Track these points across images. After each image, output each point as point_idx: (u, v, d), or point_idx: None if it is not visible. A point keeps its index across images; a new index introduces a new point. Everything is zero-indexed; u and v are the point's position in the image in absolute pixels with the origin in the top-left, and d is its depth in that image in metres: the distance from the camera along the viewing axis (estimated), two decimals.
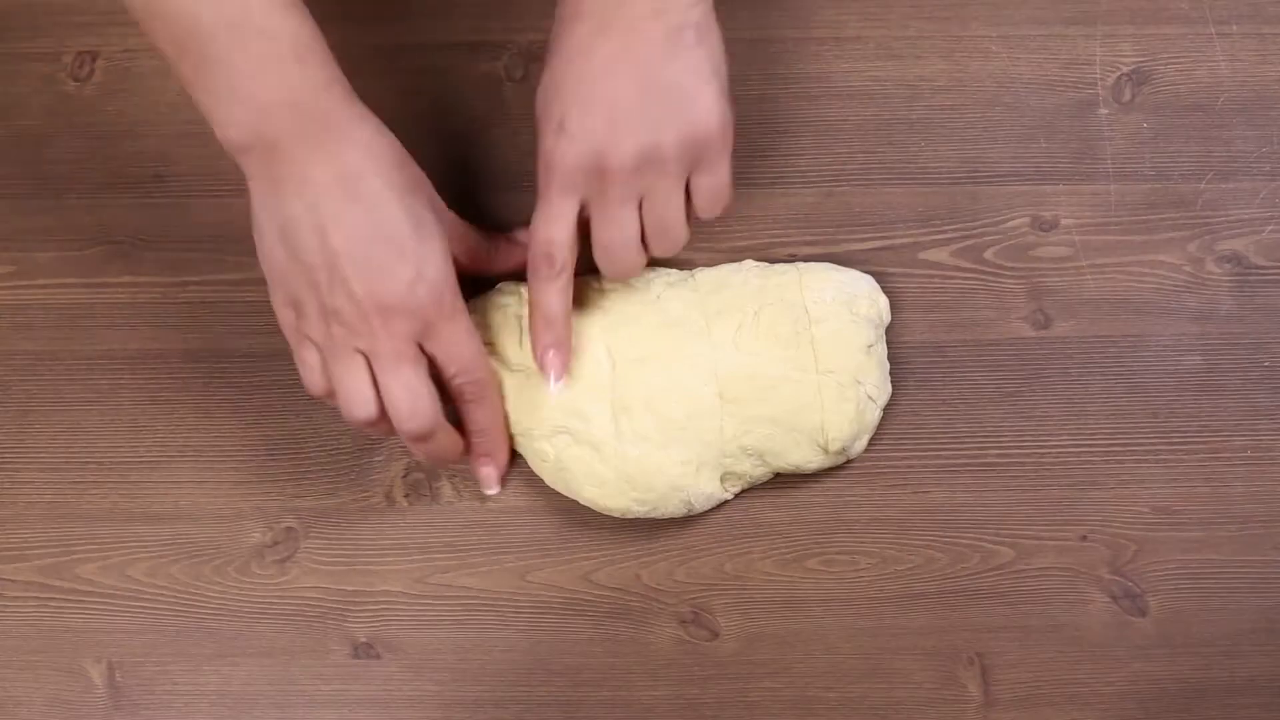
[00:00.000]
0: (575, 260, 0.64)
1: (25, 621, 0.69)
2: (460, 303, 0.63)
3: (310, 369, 0.63)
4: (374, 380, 0.62)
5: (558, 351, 0.65)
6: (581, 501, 0.67)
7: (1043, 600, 0.69)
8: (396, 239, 0.61)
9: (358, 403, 0.62)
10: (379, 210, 0.60)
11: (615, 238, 0.63)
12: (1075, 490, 0.69)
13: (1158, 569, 0.69)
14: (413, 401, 0.62)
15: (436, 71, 0.74)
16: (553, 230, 0.63)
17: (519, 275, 0.68)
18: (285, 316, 0.63)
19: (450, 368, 0.64)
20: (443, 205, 0.65)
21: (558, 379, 0.66)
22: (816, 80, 0.73)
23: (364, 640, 0.69)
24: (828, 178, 0.73)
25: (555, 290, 0.64)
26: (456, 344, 0.63)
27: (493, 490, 0.68)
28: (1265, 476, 0.70)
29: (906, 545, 0.69)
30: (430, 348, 0.63)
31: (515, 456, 0.69)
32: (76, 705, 0.69)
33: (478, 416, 0.66)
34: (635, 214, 0.63)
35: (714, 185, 0.63)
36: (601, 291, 0.68)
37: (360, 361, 0.62)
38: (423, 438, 0.63)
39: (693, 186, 0.63)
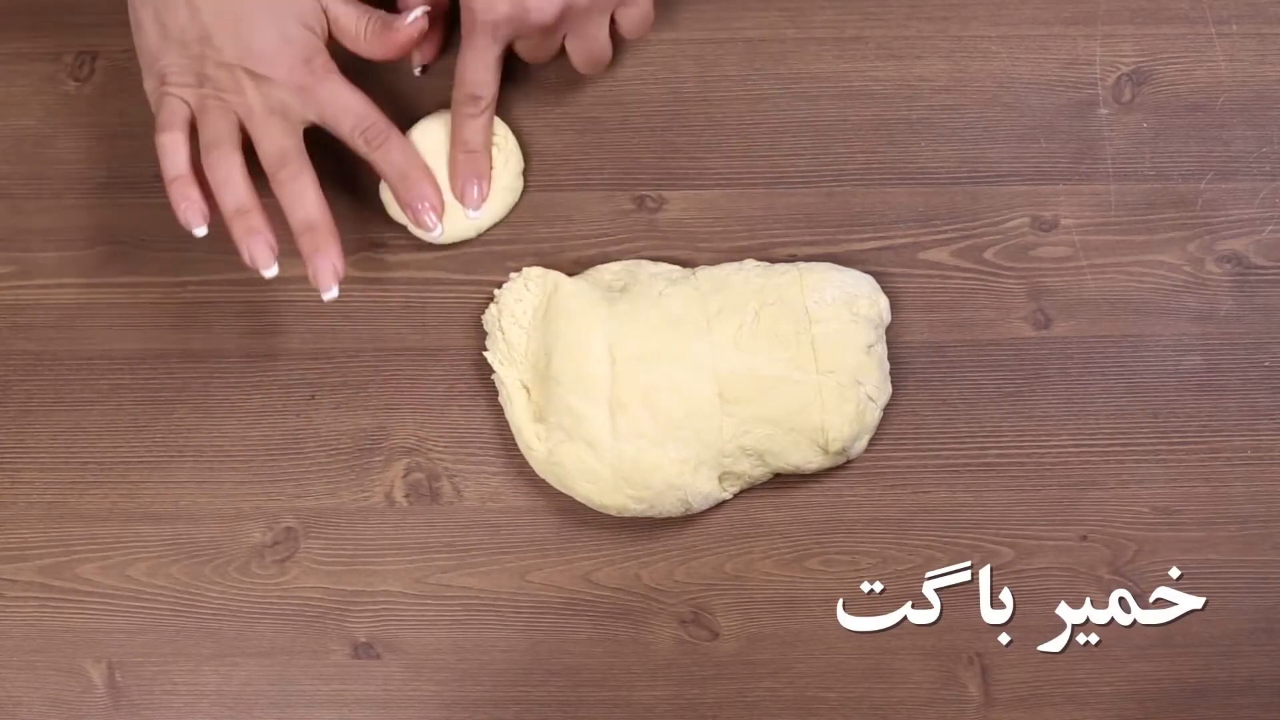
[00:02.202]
0: (496, 96, 0.69)
1: (25, 621, 0.69)
2: (332, 64, 0.66)
3: (173, 155, 0.65)
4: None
5: (479, 182, 0.69)
6: (577, 498, 0.68)
7: (1043, 600, 0.69)
8: (261, 4, 0.64)
9: (229, 190, 0.65)
10: None
11: (543, 60, 0.70)
12: (1075, 490, 0.69)
13: (1158, 569, 0.69)
14: (281, 143, 0.65)
15: None
16: (479, 73, 0.67)
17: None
18: (157, 97, 0.66)
19: (343, 123, 0.66)
20: None
21: (476, 208, 0.70)
22: (816, 80, 0.73)
23: (364, 640, 0.69)
24: (828, 178, 0.73)
25: (479, 126, 0.69)
26: (338, 97, 0.66)
27: (435, 231, 0.69)
28: (1265, 476, 0.70)
29: (906, 545, 0.69)
30: (316, 113, 0.66)
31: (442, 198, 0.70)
32: (76, 705, 0.69)
33: (393, 159, 0.67)
34: (559, 45, 0.69)
35: (637, 15, 0.69)
36: (604, 290, 0.69)
37: (236, 152, 0.65)
38: (289, 177, 0.65)
39: (617, 16, 0.68)
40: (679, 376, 0.66)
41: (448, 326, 0.71)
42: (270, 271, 0.65)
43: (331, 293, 0.66)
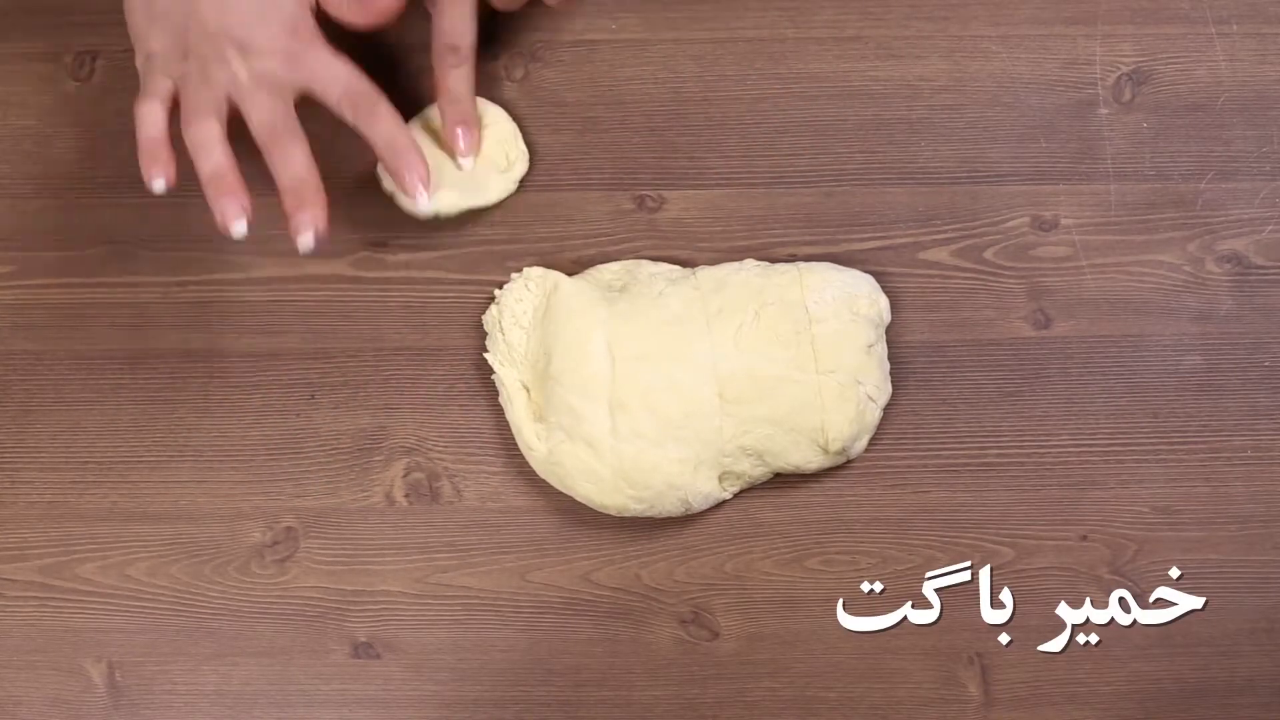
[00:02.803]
0: (475, 44, 0.69)
1: (25, 621, 0.69)
2: (319, 32, 0.66)
3: (149, 121, 0.64)
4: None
5: (466, 128, 0.70)
6: (577, 498, 0.68)
7: (1043, 600, 0.69)
8: None
9: (205, 154, 0.64)
10: None
11: (516, 8, 0.71)
12: (1075, 490, 0.69)
13: (1158, 569, 0.69)
14: (270, 111, 0.65)
15: None
16: (456, 22, 0.68)
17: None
18: (143, 74, 0.66)
19: (331, 92, 0.66)
20: None
21: (465, 154, 0.70)
22: (816, 80, 0.73)
23: (364, 640, 0.69)
24: (828, 178, 0.73)
25: (462, 75, 0.69)
26: (326, 66, 0.66)
27: (421, 201, 0.67)
28: (1265, 476, 0.70)
29: (906, 545, 0.69)
30: (303, 81, 0.66)
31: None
32: (76, 705, 0.69)
33: (380, 128, 0.67)
34: None
35: None
36: (604, 289, 0.69)
37: (214, 120, 0.64)
38: (276, 142, 0.65)
39: None
40: (679, 376, 0.66)
41: (448, 326, 0.71)
42: (239, 230, 0.64)
43: (307, 245, 0.64)
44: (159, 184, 0.64)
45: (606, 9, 0.74)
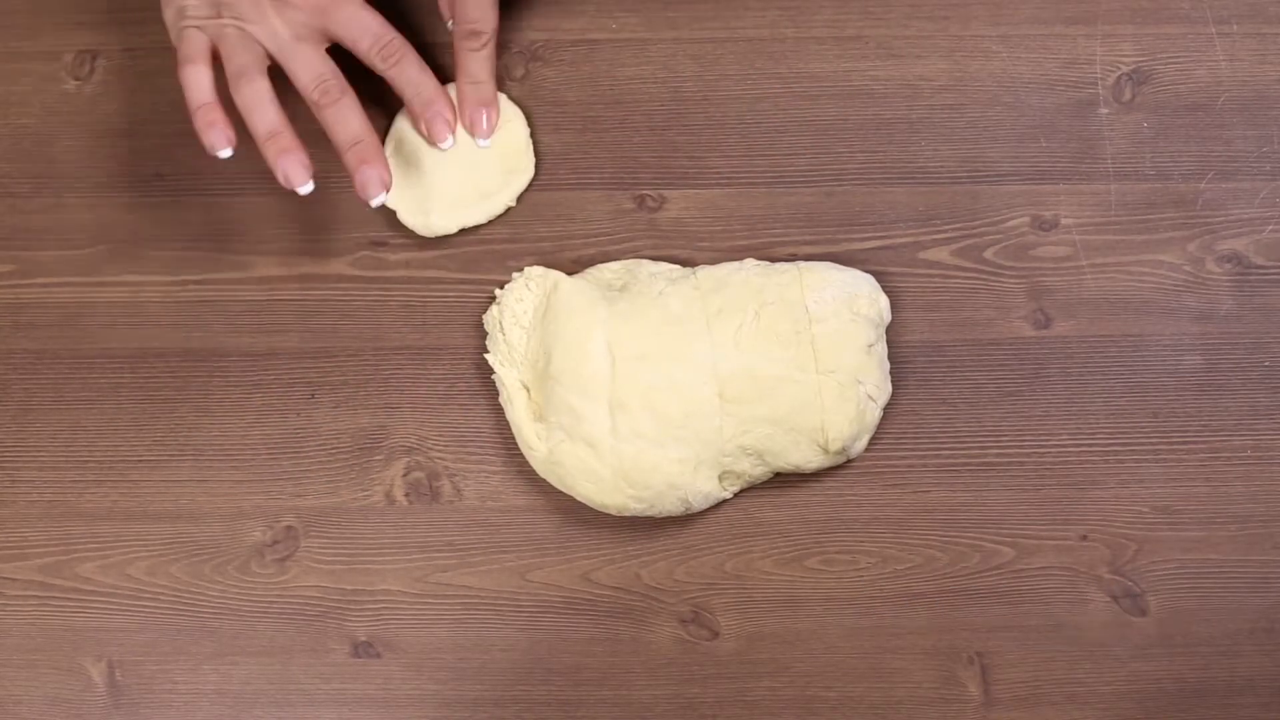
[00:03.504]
0: (497, 29, 0.70)
1: (25, 620, 0.69)
2: None
3: (197, 84, 0.66)
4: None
5: (487, 111, 0.71)
6: (577, 498, 0.68)
7: (1043, 600, 0.69)
8: None
9: (259, 114, 0.66)
10: None
11: None
12: (1075, 490, 0.69)
13: (1158, 569, 0.69)
14: (318, 69, 0.67)
15: None
16: (478, 9, 0.69)
17: None
18: (177, 30, 0.67)
19: (361, 42, 0.68)
20: None
21: (485, 136, 0.71)
22: (816, 80, 0.74)
23: (364, 639, 0.69)
24: (828, 178, 0.73)
25: (483, 59, 0.70)
26: (356, 18, 0.67)
27: (447, 143, 0.70)
28: (1265, 476, 0.70)
29: (906, 545, 0.69)
30: (335, 33, 0.67)
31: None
32: (76, 704, 0.69)
33: (409, 75, 0.69)
34: None
35: None
36: (604, 289, 0.69)
37: (263, 78, 0.66)
38: (331, 101, 0.66)
39: None
40: (679, 376, 0.66)
41: (448, 326, 0.71)
42: (306, 187, 0.66)
43: (379, 199, 0.67)
44: (225, 151, 0.66)
45: (607, 8, 0.74)
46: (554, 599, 0.69)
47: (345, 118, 0.67)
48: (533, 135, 0.73)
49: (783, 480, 0.69)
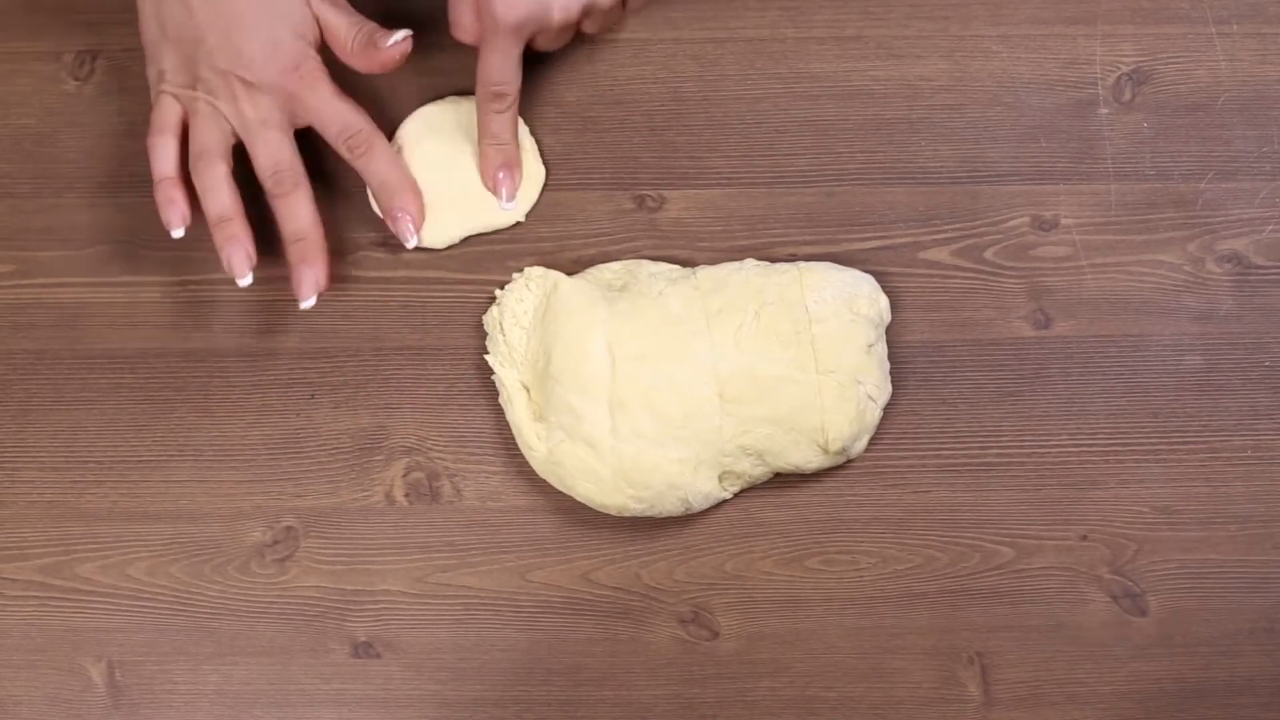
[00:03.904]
0: (520, 90, 0.70)
1: (25, 621, 0.69)
2: (322, 71, 0.68)
3: (162, 157, 0.67)
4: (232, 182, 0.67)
5: (508, 172, 0.71)
6: (577, 498, 0.68)
7: (1043, 600, 0.69)
8: (254, 10, 0.66)
9: (213, 198, 0.67)
10: None
11: (557, 48, 0.72)
12: (1075, 490, 0.69)
13: (1158, 569, 0.69)
14: (276, 157, 0.67)
15: None
16: (503, 72, 0.68)
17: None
18: (155, 91, 0.68)
19: (329, 129, 0.68)
20: None
21: (509, 198, 0.71)
22: (816, 80, 0.74)
23: (364, 639, 0.69)
24: (828, 178, 0.73)
25: (505, 121, 0.70)
26: (326, 105, 0.68)
27: (411, 242, 0.70)
28: (1265, 476, 0.70)
29: (906, 545, 0.69)
30: (304, 118, 0.68)
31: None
32: (76, 704, 0.69)
33: (376, 168, 0.69)
34: (575, 33, 0.71)
35: None
36: (604, 289, 0.69)
37: (222, 162, 0.67)
38: (284, 193, 0.67)
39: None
40: (679, 376, 0.66)
41: (448, 326, 0.71)
42: (245, 280, 0.67)
43: (309, 303, 0.68)
44: (178, 231, 0.67)
45: None
46: (554, 599, 0.69)
47: (295, 212, 0.67)
48: (534, 136, 0.73)
49: (783, 480, 0.69)
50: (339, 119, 0.68)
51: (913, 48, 0.74)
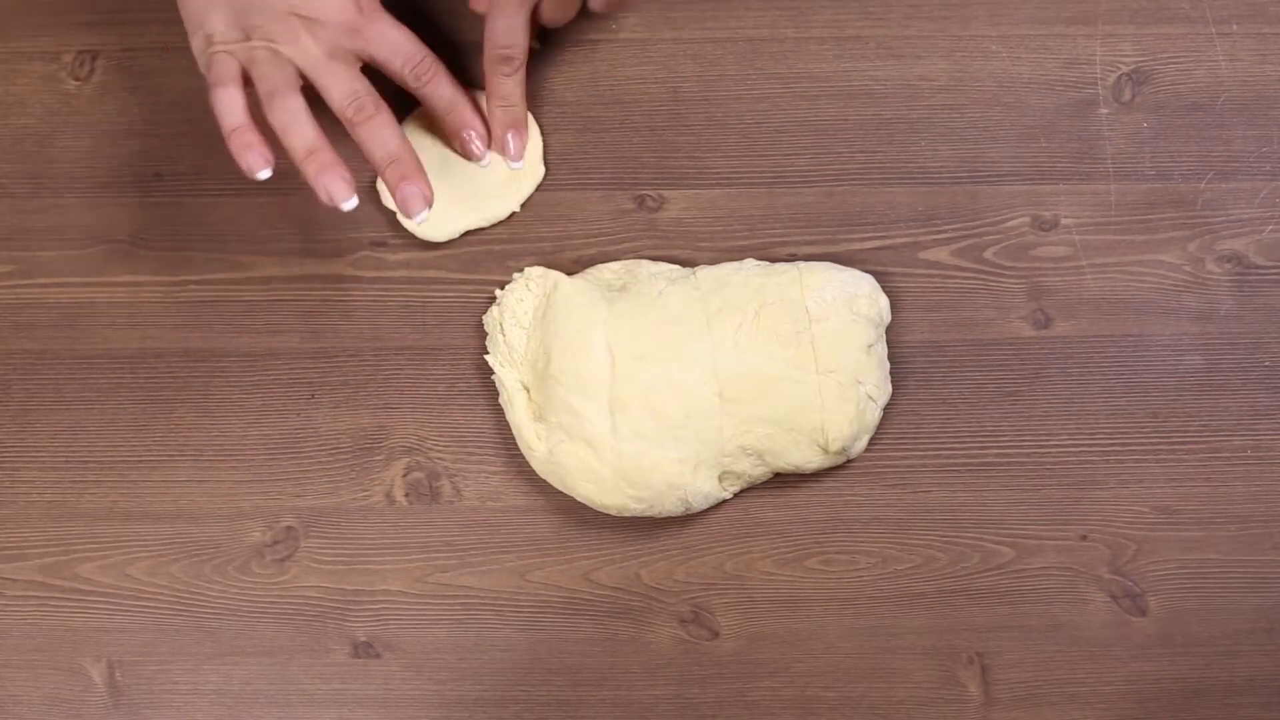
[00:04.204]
0: (527, 53, 0.70)
1: (25, 620, 0.69)
2: (378, 3, 0.67)
3: (229, 107, 0.65)
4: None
5: (516, 132, 0.71)
6: (577, 498, 0.68)
7: (1043, 600, 0.69)
8: None
9: (295, 132, 0.65)
10: None
11: (564, 21, 0.71)
12: (1075, 490, 0.69)
13: (1158, 569, 0.69)
14: (350, 87, 0.66)
15: None
16: (511, 35, 0.69)
17: None
18: (205, 57, 0.66)
19: (393, 61, 0.68)
20: None
21: (517, 158, 0.71)
22: (816, 80, 0.73)
23: (364, 639, 0.69)
24: (828, 178, 0.73)
25: (514, 82, 0.70)
26: (387, 37, 0.67)
27: (484, 163, 0.71)
28: (1265, 476, 0.70)
29: (906, 545, 0.69)
30: (366, 51, 0.67)
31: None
32: (76, 704, 0.69)
33: (441, 93, 0.69)
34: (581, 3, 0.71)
35: None
36: (604, 289, 0.69)
37: (297, 96, 0.65)
38: (365, 118, 0.66)
39: None
40: (679, 376, 0.66)
41: (448, 326, 0.71)
42: (350, 203, 0.66)
43: (421, 216, 0.67)
44: (264, 172, 0.65)
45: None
46: (554, 599, 0.69)
47: (380, 135, 0.67)
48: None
49: (783, 480, 0.69)
50: (403, 48, 0.68)
51: (913, 48, 0.74)
